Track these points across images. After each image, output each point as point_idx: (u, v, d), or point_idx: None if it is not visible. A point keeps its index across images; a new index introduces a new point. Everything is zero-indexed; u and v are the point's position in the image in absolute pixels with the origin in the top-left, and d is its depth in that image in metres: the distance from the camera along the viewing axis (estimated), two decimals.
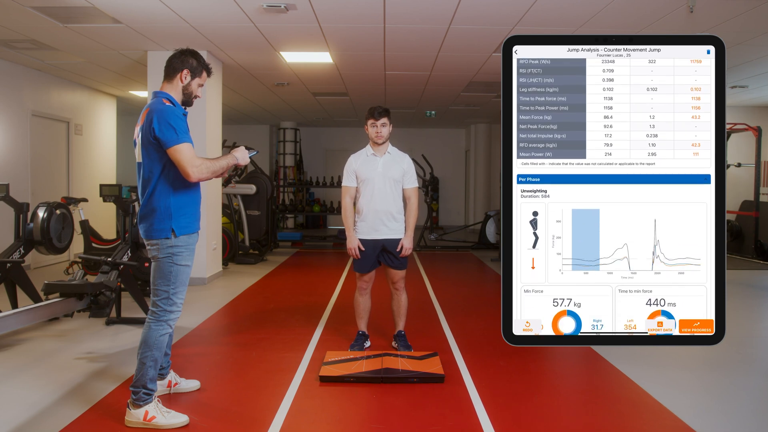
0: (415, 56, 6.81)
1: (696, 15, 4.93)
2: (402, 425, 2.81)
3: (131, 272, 4.75)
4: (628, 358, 3.79)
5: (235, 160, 2.90)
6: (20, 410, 2.93)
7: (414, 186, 3.96)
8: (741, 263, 8.52)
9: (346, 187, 3.96)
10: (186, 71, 2.86)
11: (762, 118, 10.20)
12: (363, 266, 3.92)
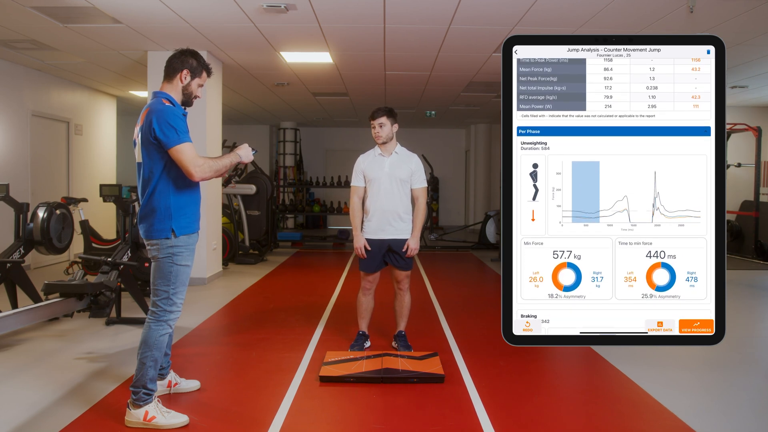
0: (415, 56, 6.81)
1: (696, 15, 4.93)
2: (402, 425, 2.81)
3: (131, 272, 4.75)
4: (628, 358, 3.79)
5: (238, 158, 2.91)
6: (20, 410, 2.93)
7: (422, 186, 3.94)
8: (741, 263, 8.52)
9: (354, 186, 3.96)
10: (186, 71, 2.85)
11: (762, 118, 10.20)
12: (369, 266, 3.92)
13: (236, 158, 2.91)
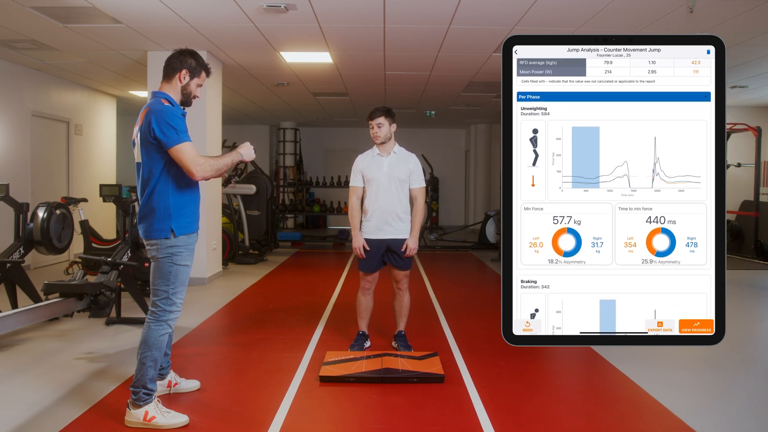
0: (415, 56, 6.81)
1: (696, 15, 4.93)
2: (402, 425, 2.81)
3: (131, 272, 4.75)
4: (628, 358, 3.79)
5: (240, 156, 2.91)
6: (20, 410, 2.93)
7: (421, 186, 3.95)
8: (741, 263, 8.52)
9: (353, 186, 3.96)
10: (185, 71, 2.85)
11: (762, 118, 10.20)
12: (368, 266, 3.92)
13: (238, 156, 2.91)
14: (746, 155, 9.77)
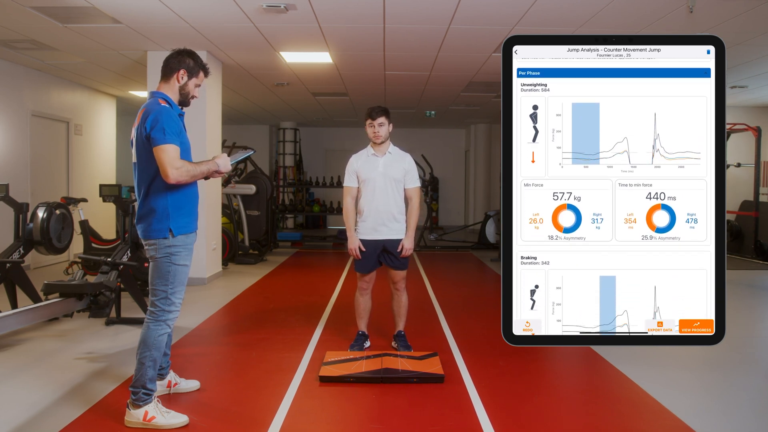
0: (415, 56, 6.81)
1: (696, 15, 4.93)
2: (402, 425, 2.81)
3: (131, 272, 4.75)
4: (628, 358, 3.79)
5: (216, 167, 2.82)
6: (20, 410, 2.93)
7: (416, 186, 3.95)
8: (741, 263, 8.52)
9: (347, 187, 3.95)
10: (183, 71, 2.85)
11: (762, 118, 10.20)
12: (364, 266, 3.91)
13: (214, 167, 2.81)
14: (746, 155, 9.77)
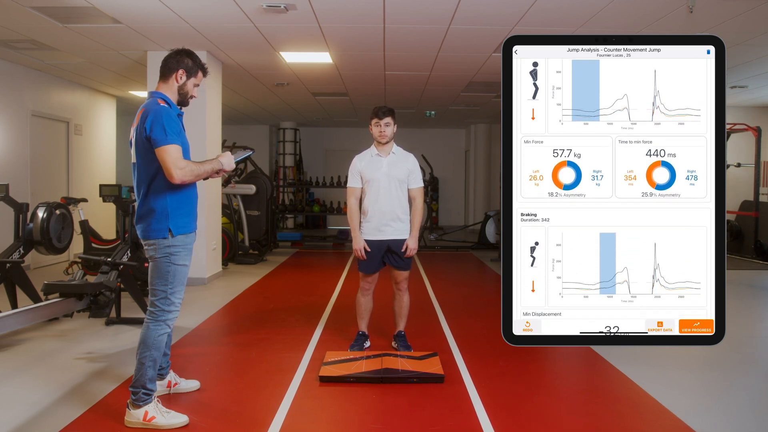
0: (415, 56, 6.81)
1: (696, 15, 4.93)
2: (402, 425, 2.81)
3: (131, 272, 4.75)
4: (628, 358, 3.79)
5: (219, 165, 2.86)
6: (20, 410, 2.93)
7: (419, 186, 3.95)
8: (741, 263, 8.52)
9: (351, 188, 3.94)
10: (181, 71, 2.85)
11: (762, 118, 10.20)
12: (368, 267, 3.91)
13: (217, 165, 2.85)
14: (746, 155, 9.77)
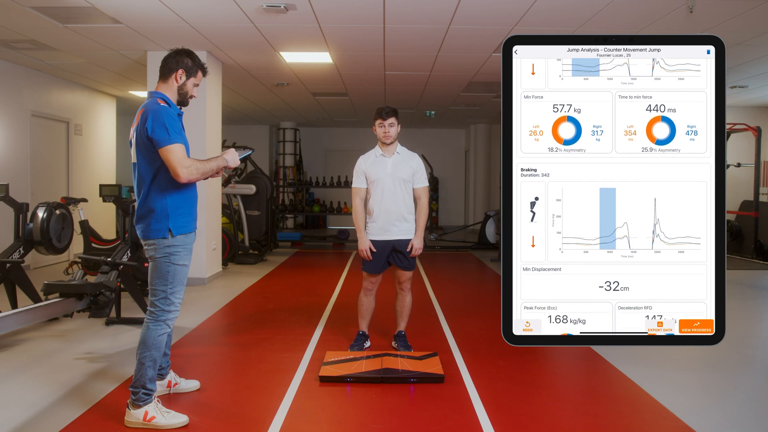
0: (415, 56, 6.81)
1: (696, 15, 4.93)
2: (402, 425, 2.81)
3: (131, 272, 4.75)
4: (628, 358, 3.79)
5: (225, 162, 2.88)
6: (20, 410, 2.93)
7: (424, 185, 3.95)
8: (741, 263, 8.52)
9: (356, 188, 3.94)
10: (181, 71, 2.85)
11: (762, 118, 10.20)
12: (373, 267, 3.91)
13: (223, 162, 2.87)
14: (746, 155, 9.77)
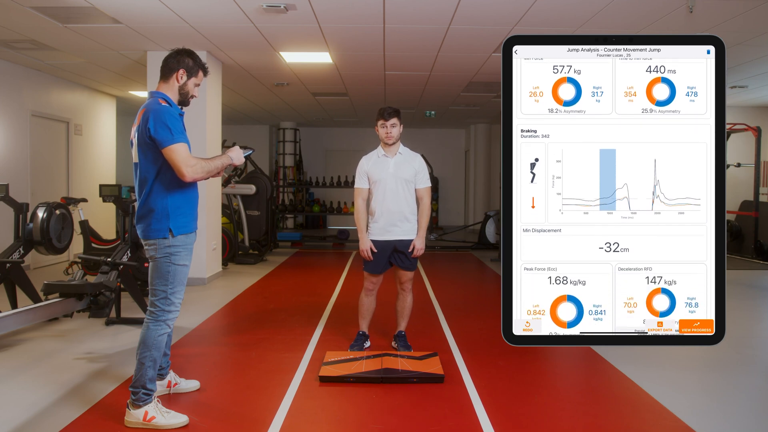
0: (415, 56, 6.81)
1: (696, 15, 4.93)
2: (402, 425, 2.81)
3: (131, 272, 4.75)
4: (628, 358, 3.79)
5: (229, 160, 2.90)
6: (20, 410, 2.93)
7: (427, 186, 3.95)
8: (741, 263, 8.52)
9: (358, 188, 3.94)
10: (182, 71, 2.85)
11: (761, 118, 10.20)
12: (374, 267, 3.91)
13: (227, 160, 2.89)
14: (746, 155, 9.77)
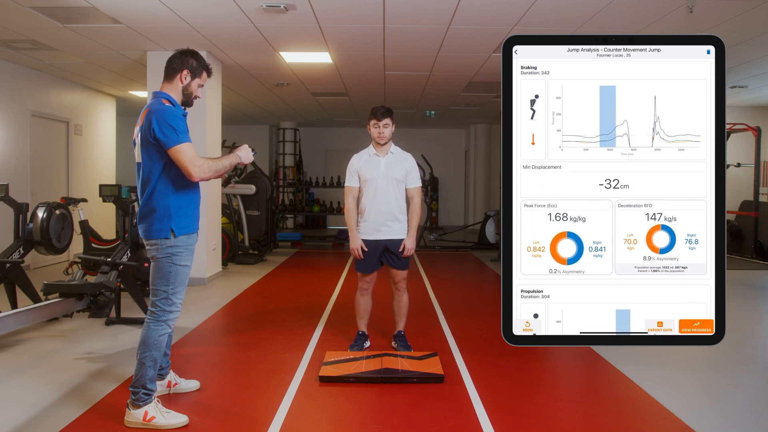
0: (414, 56, 6.81)
1: (696, 15, 4.93)
2: (402, 425, 2.81)
3: (131, 272, 4.75)
4: (628, 358, 3.79)
5: (238, 159, 2.92)
6: (20, 410, 2.93)
7: (417, 186, 3.95)
8: (741, 263, 8.52)
9: (348, 187, 3.94)
10: (186, 71, 2.85)
11: (761, 118, 10.20)
12: (365, 266, 3.91)
13: (236, 159, 2.92)
14: (746, 155, 9.77)
